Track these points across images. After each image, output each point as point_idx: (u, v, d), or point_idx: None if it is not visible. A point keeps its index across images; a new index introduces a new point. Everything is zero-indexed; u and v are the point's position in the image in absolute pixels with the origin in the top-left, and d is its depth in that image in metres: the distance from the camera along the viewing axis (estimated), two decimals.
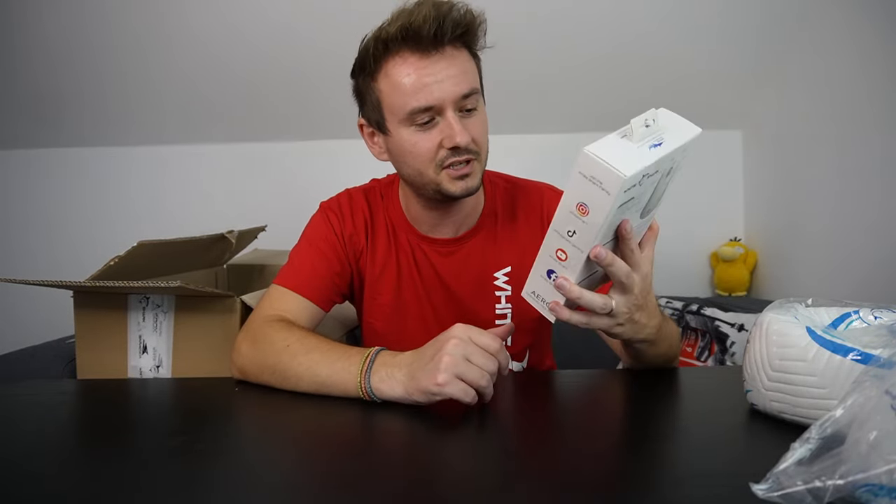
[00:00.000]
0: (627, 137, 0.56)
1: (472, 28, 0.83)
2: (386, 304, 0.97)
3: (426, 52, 0.80)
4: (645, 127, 0.57)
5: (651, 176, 0.57)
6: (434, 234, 0.96)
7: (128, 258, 0.92)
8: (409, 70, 0.80)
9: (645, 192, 0.59)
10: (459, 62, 0.82)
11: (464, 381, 0.63)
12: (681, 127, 0.60)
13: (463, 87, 0.81)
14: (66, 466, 0.56)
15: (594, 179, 0.55)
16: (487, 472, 0.53)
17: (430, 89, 0.80)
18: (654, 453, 0.58)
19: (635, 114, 0.58)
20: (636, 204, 0.60)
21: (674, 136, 0.59)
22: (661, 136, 0.58)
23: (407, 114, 0.81)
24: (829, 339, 0.56)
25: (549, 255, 0.62)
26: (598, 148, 0.55)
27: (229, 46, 1.84)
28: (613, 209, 0.55)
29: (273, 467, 0.56)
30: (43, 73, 1.91)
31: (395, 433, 0.63)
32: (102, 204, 2.20)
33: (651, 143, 0.57)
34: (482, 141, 0.86)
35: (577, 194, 0.57)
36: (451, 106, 0.81)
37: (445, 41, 0.80)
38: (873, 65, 1.50)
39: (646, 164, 0.55)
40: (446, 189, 0.86)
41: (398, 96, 0.81)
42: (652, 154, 0.56)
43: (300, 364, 0.75)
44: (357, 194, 1.00)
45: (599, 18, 1.77)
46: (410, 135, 0.83)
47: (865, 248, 1.53)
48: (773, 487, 0.38)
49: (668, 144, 0.57)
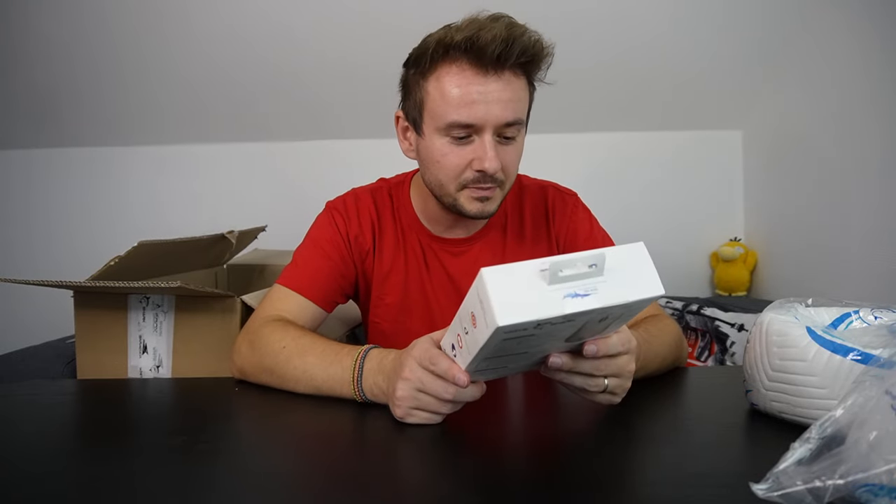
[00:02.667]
0: (545, 275, 0.48)
1: (537, 59, 0.80)
2: (392, 304, 0.97)
3: (484, 69, 0.78)
4: (584, 268, 0.48)
5: (558, 325, 0.49)
6: (447, 235, 0.96)
7: (128, 258, 0.92)
8: (461, 82, 0.78)
9: (557, 332, 0.51)
10: (513, 89, 0.79)
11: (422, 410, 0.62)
12: (639, 280, 0.50)
13: (508, 115, 0.79)
14: (66, 466, 0.56)
15: (481, 304, 0.48)
16: (487, 472, 0.53)
17: (476, 108, 0.78)
18: (654, 453, 0.58)
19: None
20: (544, 340, 0.52)
21: (613, 290, 0.49)
22: (595, 286, 0.48)
23: (446, 124, 0.80)
24: (829, 339, 0.56)
25: (454, 332, 0.57)
26: (497, 276, 0.48)
27: (229, 47, 1.84)
28: (493, 342, 0.49)
29: (273, 467, 0.56)
30: (42, 73, 1.91)
31: (395, 433, 0.63)
32: (102, 204, 2.20)
33: (571, 293, 0.48)
34: (511, 171, 0.85)
35: (473, 304, 0.50)
36: (490, 130, 0.79)
37: (507, 65, 0.78)
38: (873, 65, 1.50)
39: (541, 316, 0.47)
40: (462, 207, 0.85)
41: (442, 104, 0.80)
42: (563, 305, 0.47)
43: (296, 367, 0.75)
44: (364, 195, 0.99)
45: (603, 22, 1.78)
46: (443, 145, 0.82)
47: (865, 248, 1.53)
48: (773, 487, 0.38)
49: (596, 299, 0.48)
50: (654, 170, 2.17)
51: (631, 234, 1.53)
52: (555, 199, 1.00)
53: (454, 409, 0.62)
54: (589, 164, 2.15)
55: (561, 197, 1.01)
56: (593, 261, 0.48)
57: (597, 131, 2.14)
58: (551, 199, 1.00)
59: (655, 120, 2.09)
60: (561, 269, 0.47)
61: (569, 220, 0.98)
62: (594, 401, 0.63)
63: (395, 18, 1.69)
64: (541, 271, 0.48)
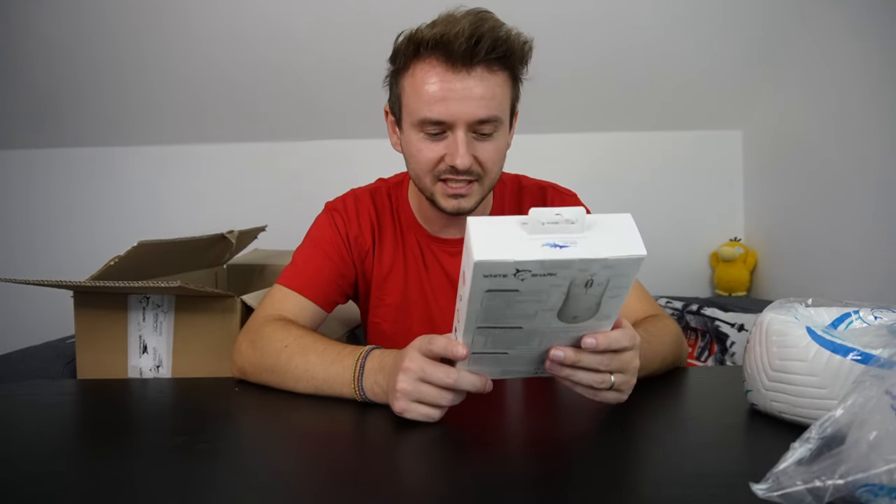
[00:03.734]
0: (526, 226, 0.49)
1: (512, 53, 0.79)
2: (392, 304, 0.97)
3: (455, 66, 0.77)
4: (562, 221, 0.49)
5: (541, 276, 0.49)
6: (443, 234, 0.96)
7: (128, 258, 0.92)
8: (433, 79, 0.78)
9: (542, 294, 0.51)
10: (488, 85, 0.78)
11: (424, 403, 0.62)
12: (621, 241, 0.50)
13: (481, 112, 0.78)
14: (66, 466, 0.56)
15: (468, 253, 0.49)
16: (487, 473, 0.53)
17: (447, 105, 0.78)
18: (654, 453, 0.58)
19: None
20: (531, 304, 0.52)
21: (596, 246, 0.49)
22: (573, 239, 0.49)
23: (418, 120, 0.80)
24: (829, 339, 0.56)
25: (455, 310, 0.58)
26: (482, 223, 0.50)
27: (229, 46, 1.84)
28: (477, 291, 0.50)
29: (273, 467, 0.56)
30: (42, 73, 1.91)
31: (396, 433, 0.63)
32: (103, 204, 2.20)
33: (550, 243, 0.49)
34: (490, 166, 0.84)
35: (464, 263, 0.52)
36: (462, 126, 0.79)
37: (475, 61, 0.77)
38: (873, 65, 1.50)
39: (520, 258, 0.48)
40: (438, 202, 0.86)
41: (416, 100, 0.80)
42: (540, 252, 0.48)
43: (297, 367, 0.75)
44: (363, 195, 0.99)
45: (603, 22, 1.78)
46: (418, 140, 0.83)
47: (865, 248, 1.53)
48: (773, 487, 0.38)
49: (574, 251, 0.48)
50: (654, 170, 2.17)
51: None
52: (554, 200, 1.00)
53: (455, 400, 0.62)
54: (589, 163, 2.15)
55: (560, 197, 1.01)
56: (574, 217, 0.49)
57: (597, 131, 2.14)
58: (550, 199, 1.00)
59: (655, 120, 2.09)
60: (541, 220, 0.49)
61: None
62: (601, 399, 0.62)
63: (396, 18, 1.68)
64: (522, 224, 0.50)
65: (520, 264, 0.48)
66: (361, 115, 1.97)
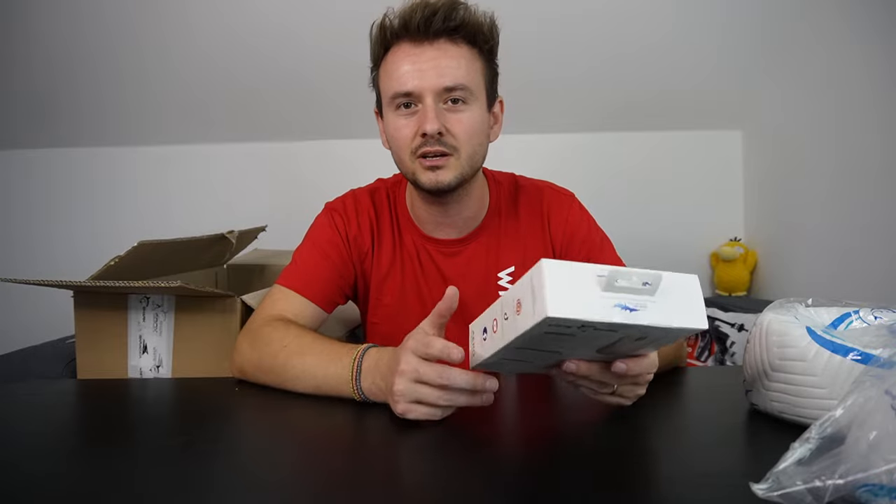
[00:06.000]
0: (601, 281, 0.48)
1: (470, 24, 0.83)
2: (390, 305, 0.97)
3: (418, 41, 0.82)
4: (638, 284, 0.48)
5: (601, 331, 0.49)
6: (438, 235, 0.96)
7: (128, 258, 0.92)
8: (400, 57, 0.84)
9: (594, 339, 0.52)
10: (452, 56, 0.83)
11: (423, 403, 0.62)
12: (687, 309, 0.50)
13: (446, 80, 0.82)
14: (65, 466, 0.56)
15: (533, 292, 0.49)
16: (487, 472, 0.53)
17: (412, 75, 0.82)
18: (654, 453, 0.58)
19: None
20: (579, 344, 0.53)
21: (661, 312, 0.49)
22: (644, 304, 0.49)
23: (390, 97, 0.84)
24: (829, 339, 0.56)
25: (491, 316, 0.58)
26: (556, 269, 0.49)
27: (229, 46, 1.84)
28: (535, 332, 0.49)
29: (273, 467, 0.56)
30: (42, 73, 1.91)
31: (396, 433, 0.63)
32: (102, 204, 2.20)
33: (622, 304, 0.48)
34: (463, 138, 0.84)
35: (522, 291, 0.51)
36: (430, 94, 0.82)
37: (435, 32, 0.82)
38: (873, 65, 1.50)
39: (588, 318, 0.47)
40: (419, 179, 0.86)
41: (387, 81, 0.85)
42: (609, 313, 0.48)
43: (295, 367, 0.75)
44: (362, 196, 0.99)
45: (603, 22, 1.78)
46: (395, 119, 0.85)
47: (865, 248, 1.53)
48: (773, 487, 0.38)
49: (641, 316, 0.48)
50: (654, 170, 2.17)
51: (631, 233, 1.54)
52: (551, 200, 0.99)
53: (455, 399, 0.61)
54: (589, 163, 2.15)
55: (558, 197, 1.00)
56: (649, 279, 0.49)
57: (597, 131, 2.14)
58: (548, 199, 0.99)
59: (655, 120, 2.09)
60: (617, 279, 0.48)
61: (565, 221, 0.97)
62: (601, 400, 0.63)
63: None
64: (597, 276, 0.49)
65: (589, 323, 0.47)
66: (362, 115, 1.96)
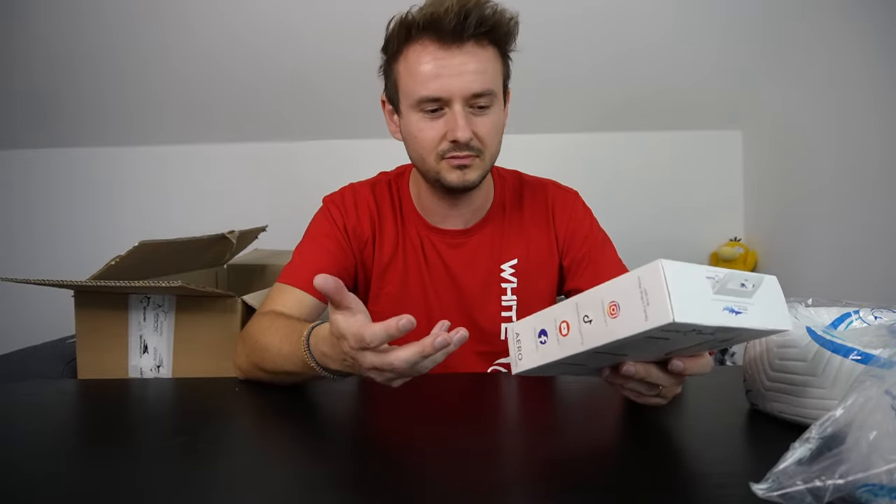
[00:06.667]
0: (713, 283, 0.47)
1: (499, 27, 0.82)
2: (391, 294, 0.97)
3: (446, 43, 0.81)
4: (741, 286, 0.48)
5: (702, 334, 0.48)
6: (444, 226, 0.96)
7: (129, 258, 0.92)
8: (427, 58, 0.81)
9: (684, 340, 0.50)
10: (480, 60, 0.82)
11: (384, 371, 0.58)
12: (773, 311, 0.51)
13: (476, 86, 0.81)
14: (66, 466, 0.56)
15: (644, 294, 0.47)
16: (487, 472, 0.53)
17: (442, 81, 0.81)
18: (654, 453, 0.58)
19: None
20: (666, 344, 0.51)
21: (759, 314, 0.49)
22: (746, 307, 0.49)
23: (416, 100, 0.83)
24: (829, 339, 0.56)
25: (553, 318, 0.55)
26: (674, 270, 0.46)
27: (229, 46, 1.84)
28: (640, 335, 0.47)
29: (273, 467, 0.56)
30: (42, 73, 1.91)
31: (397, 434, 0.63)
32: (103, 204, 2.20)
33: (729, 307, 0.48)
34: (488, 141, 0.86)
35: (619, 293, 0.49)
36: (459, 100, 0.82)
37: (466, 36, 0.80)
38: (873, 65, 1.50)
39: (705, 321, 0.46)
40: (444, 178, 0.86)
41: (412, 82, 0.83)
42: (721, 317, 0.47)
43: (273, 358, 0.74)
44: (362, 188, 0.99)
45: (603, 22, 1.78)
46: (418, 121, 0.84)
47: (865, 248, 1.53)
48: (773, 487, 0.38)
49: (745, 319, 0.48)
50: (654, 170, 2.17)
51: (631, 233, 1.54)
52: (556, 196, 1.00)
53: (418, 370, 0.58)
54: (589, 164, 2.14)
55: (562, 194, 1.01)
56: (752, 282, 0.49)
57: (598, 131, 2.14)
58: (552, 195, 1.00)
59: (656, 120, 2.09)
60: (729, 282, 0.47)
61: (569, 218, 0.98)
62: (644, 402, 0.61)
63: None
64: (707, 278, 0.48)
65: (703, 327, 0.46)
66: (362, 115, 1.97)
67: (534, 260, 0.97)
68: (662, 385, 0.58)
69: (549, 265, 0.98)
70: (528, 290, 0.96)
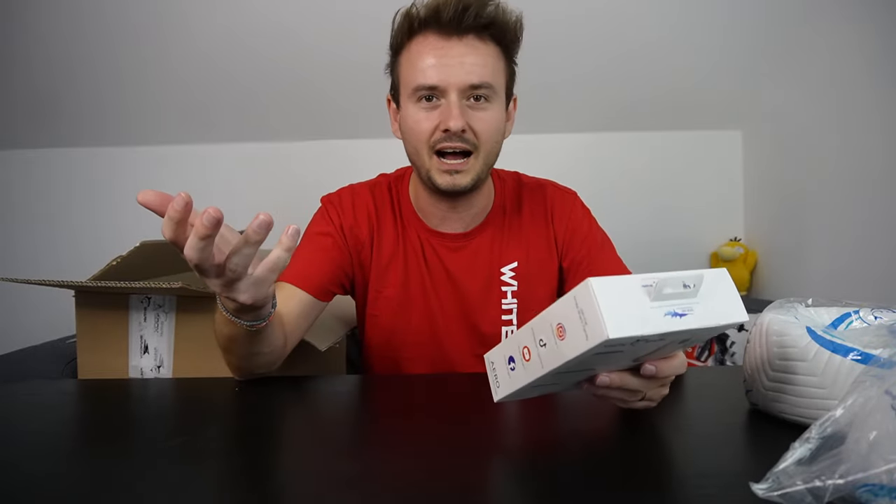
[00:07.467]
0: (649, 291, 0.48)
1: (501, 23, 0.83)
2: (391, 297, 0.97)
3: (447, 35, 0.82)
4: (682, 287, 0.48)
5: (652, 342, 0.49)
6: (443, 229, 0.96)
7: (130, 258, 0.92)
8: (426, 49, 0.82)
9: (644, 348, 0.51)
10: (480, 53, 0.82)
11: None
12: (725, 304, 0.51)
13: (473, 78, 0.81)
14: (65, 466, 0.56)
15: (581, 314, 0.47)
16: (487, 472, 0.53)
17: (438, 70, 0.81)
18: (654, 453, 0.58)
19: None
20: (623, 357, 0.52)
21: (707, 312, 0.49)
22: (691, 307, 0.49)
23: (413, 89, 0.83)
24: (829, 339, 0.56)
25: (517, 344, 0.56)
26: (605, 287, 0.47)
27: (228, 47, 1.84)
28: (587, 354, 0.48)
29: (273, 468, 0.56)
30: (42, 73, 1.91)
31: (397, 434, 0.63)
32: (103, 204, 2.20)
33: (671, 311, 0.48)
34: (484, 137, 0.85)
35: (563, 315, 0.49)
36: (455, 91, 0.82)
37: (466, 28, 0.81)
38: (873, 64, 1.50)
39: (645, 331, 0.46)
40: (434, 179, 0.86)
41: (410, 71, 0.84)
42: (663, 323, 0.47)
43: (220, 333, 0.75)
44: (361, 189, 0.99)
45: (604, 22, 1.78)
46: (415, 111, 0.85)
47: (865, 248, 1.53)
48: (773, 487, 0.38)
49: (691, 320, 0.48)
50: (655, 169, 2.17)
51: (631, 233, 1.54)
52: (554, 197, 1.00)
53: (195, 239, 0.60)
54: (589, 164, 2.14)
55: (561, 195, 1.01)
56: (692, 281, 0.48)
57: (598, 131, 2.14)
58: (551, 196, 1.00)
59: (656, 120, 2.09)
60: (665, 287, 0.47)
61: (568, 219, 0.98)
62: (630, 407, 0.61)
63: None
64: (643, 287, 0.48)
65: (646, 336, 0.47)
66: (362, 115, 1.98)
67: (534, 262, 0.97)
68: (641, 390, 0.58)
69: (548, 267, 0.98)
70: (529, 292, 0.96)
